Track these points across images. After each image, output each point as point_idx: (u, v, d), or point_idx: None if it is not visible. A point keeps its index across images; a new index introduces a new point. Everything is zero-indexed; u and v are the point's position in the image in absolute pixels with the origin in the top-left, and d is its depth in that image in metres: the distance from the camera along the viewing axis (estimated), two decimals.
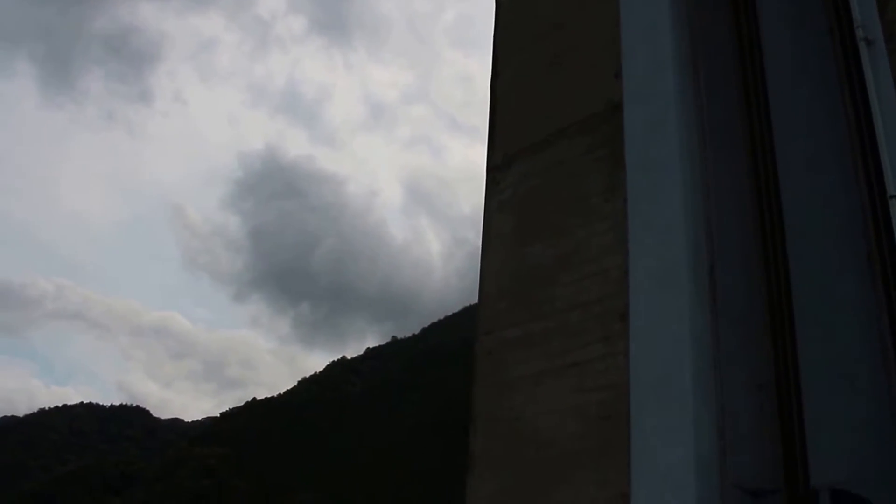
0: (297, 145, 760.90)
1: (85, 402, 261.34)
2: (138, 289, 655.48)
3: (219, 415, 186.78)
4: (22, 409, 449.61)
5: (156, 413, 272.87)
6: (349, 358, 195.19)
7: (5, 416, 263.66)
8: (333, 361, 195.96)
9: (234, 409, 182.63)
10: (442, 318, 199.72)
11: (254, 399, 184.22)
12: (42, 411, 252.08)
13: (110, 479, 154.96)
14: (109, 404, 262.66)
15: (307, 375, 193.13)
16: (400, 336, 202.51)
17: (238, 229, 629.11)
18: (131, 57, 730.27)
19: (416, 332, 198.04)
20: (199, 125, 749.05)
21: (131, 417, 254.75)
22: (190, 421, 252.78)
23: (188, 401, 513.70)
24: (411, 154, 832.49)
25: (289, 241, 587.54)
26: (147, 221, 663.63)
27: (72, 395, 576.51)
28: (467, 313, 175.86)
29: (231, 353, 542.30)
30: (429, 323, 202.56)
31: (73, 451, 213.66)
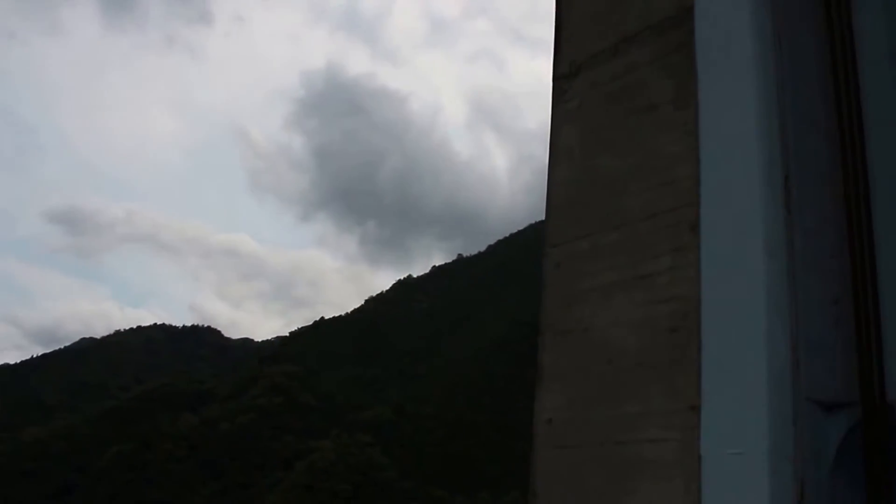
0: (358, 63, 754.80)
1: (158, 323, 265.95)
2: (206, 211, 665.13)
3: (287, 334, 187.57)
4: (100, 331, 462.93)
5: (226, 333, 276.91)
6: (415, 276, 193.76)
7: (84, 339, 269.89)
8: (400, 280, 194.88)
9: (302, 328, 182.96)
10: (508, 234, 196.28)
11: (321, 318, 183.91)
12: (118, 333, 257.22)
13: (185, 396, 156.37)
14: (182, 325, 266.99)
15: (374, 294, 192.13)
16: (466, 254, 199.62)
17: (302, 149, 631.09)
18: None
19: (483, 249, 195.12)
20: (259, 45, 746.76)
21: (203, 337, 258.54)
22: (260, 340, 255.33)
23: (257, 320, 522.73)
24: (474, 69, 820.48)
25: (353, 159, 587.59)
26: (212, 144, 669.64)
27: (146, 317, 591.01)
28: (534, 230, 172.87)
29: (298, 272, 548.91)
30: (495, 240, 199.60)
31: (149, 371, 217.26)
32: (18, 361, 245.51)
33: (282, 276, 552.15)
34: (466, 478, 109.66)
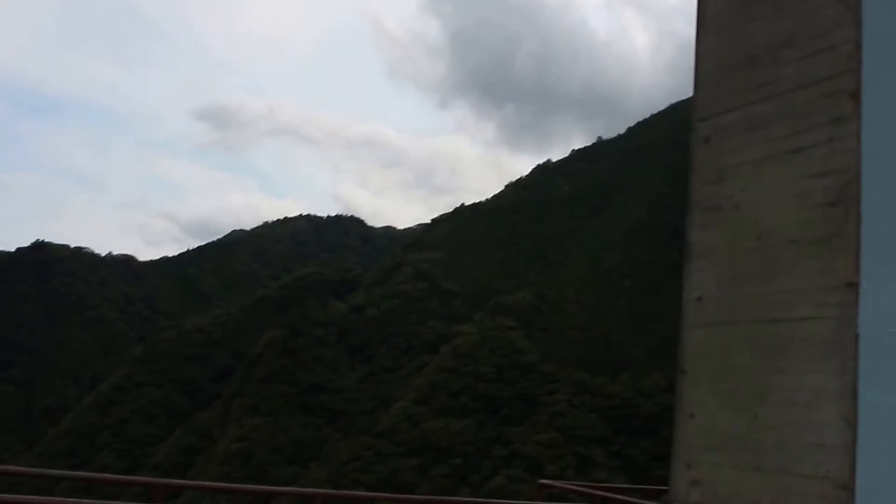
0: None
1: (304, 213, 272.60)
2: (345, 103, 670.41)
3: (429, 221, 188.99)
4: (249, 223, 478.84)
5: (370, 222, 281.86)
6: (554, 161, 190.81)
7: (235, 231, 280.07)
8: (539, 164, 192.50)
9: (443, 215, 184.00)
10: (648, 116, 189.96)
11: (462, 205, 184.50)
12: (266, 224, 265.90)
13: (332, 284, 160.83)
14: (326, 215, 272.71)
15: (513, 179, 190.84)
16: (606, 136, 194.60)
17: (438, 35, 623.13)
18: None
19: (622, 131, 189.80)
20: None
21: (347, 227, 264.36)
22: (402, 228, 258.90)
23: (399, 208, 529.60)
24: None
25: (489, 43, 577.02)
26: (346, 35, 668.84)
27: (292, 208, 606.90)
28: (675, 110, 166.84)
29: (438, 160, 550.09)
30: (635, 122, 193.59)
31: (296, 260, 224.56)
32: (177, 254, 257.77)
33: (422, 163, 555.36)
34: (608, 361, 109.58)
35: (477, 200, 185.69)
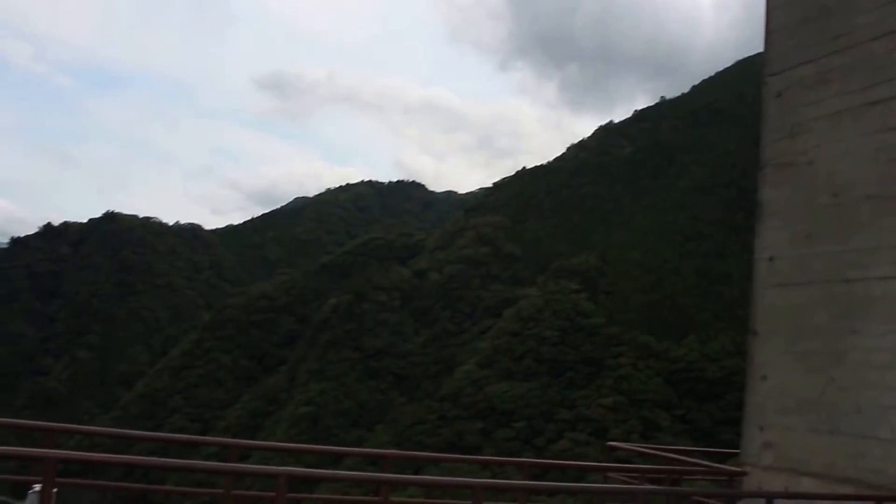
0: None
1: (366, 179, 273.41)
2: (405, 68, 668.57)
3: (491, 185, 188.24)
4: (312, 190, 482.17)
5: (431, 186, 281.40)
6: (617, 122, 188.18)
7: (298, 198, 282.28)
8: (601, 126, 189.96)
9: (505, 178, 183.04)
10: (713, 74, 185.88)
11: (523, 168, 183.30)
12: (329, 191, 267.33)
13: (395, 249, 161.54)
14: (388, 181, 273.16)
15: (575, 141, 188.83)
16: (669, 96, 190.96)
17: None
18: None
19: (686, 90, 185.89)
20: None
21: (409, 192, 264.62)
22: (464, 192, 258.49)
23: (461, 173, 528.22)
24: None
25: (550, 3, 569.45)
26: (406, 0, 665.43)
27: (354, 174, 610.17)
28: (742, 67, 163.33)
29: (499, 123, 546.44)
30: (699, 80, 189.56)
31: (359, 226, 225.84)
32: (242, 222, 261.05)
33: (483, 127, 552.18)
34: (673, 324, 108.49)
35: (539, 163, 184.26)
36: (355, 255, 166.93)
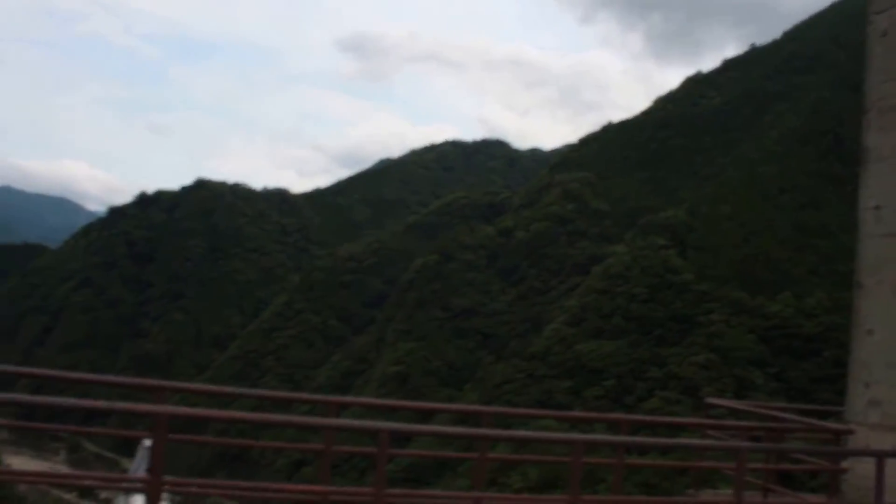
0: None
1: (449, 139, 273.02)
2: (486, 24, 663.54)
3: (576, 140, 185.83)
4: (396, 150, 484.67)
5: (515, 144, 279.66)
6: (705, 71, 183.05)
7: (382, 160, 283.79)
8: (689, 76, 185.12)
9: (590, 133, 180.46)
10: (806, 18, 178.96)
11: (609, 122, 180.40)
12: (413, 151, 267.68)
13: (480, 208, 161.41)
14: (472, 139, 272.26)
15: (662, 93, 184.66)
16: (760, 42, 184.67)
17: None
18: None
19: (778, 36, 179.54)
20: None
21: (492, 150, 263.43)
22: (548, 149, 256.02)
23: (545, 129, 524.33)
24: None
25: None
26: None
27: (437, 134, 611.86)
28: (837, 10, 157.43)
29: (583, 77, 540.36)
30: (791, 25, 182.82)
31: (444, 186, 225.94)
32: (328, 185, 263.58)
33: (566, 81, 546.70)
34: (766, 279, 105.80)
35: (625, 117, 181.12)
36: (441, 214, 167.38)
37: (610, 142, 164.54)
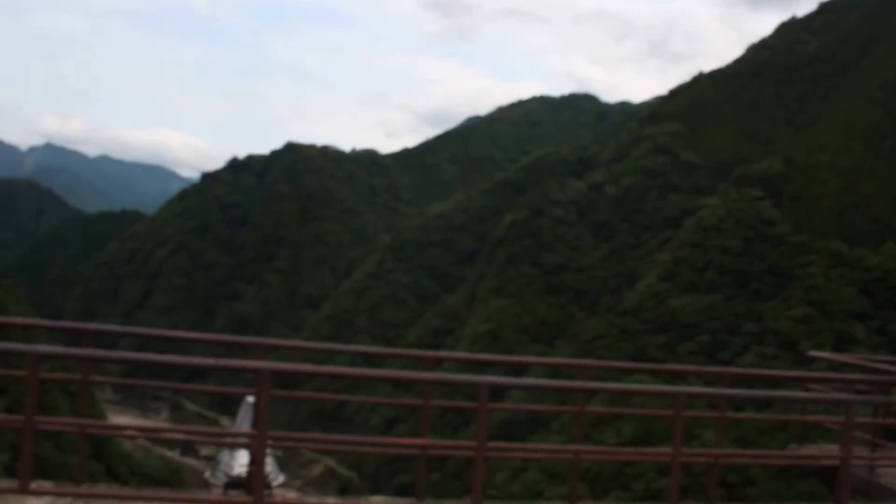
0: None
1: (537, 95, 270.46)
2: None
3: (666, 92, 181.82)
4: (483, 108, 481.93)
5: (603, 98, 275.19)
6: (800, 16, 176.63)
7: (469, 118, 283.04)
8: (783, 22, 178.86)
9: (681, 84, 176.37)
10: None
11: (700, 72, 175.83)
12: (500, 108, 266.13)
13: (570, 164, 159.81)
14: (559, 94, 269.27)
15: (755, 40, 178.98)
16: None
17: None
18: None
19: None
20: None
21: (581, 105, 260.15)
22: (638, 102, 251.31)
23: (634, 82, 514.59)
24: None
25: None
26: None
27: (524, 90, 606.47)
28: None
29: (673, 27, 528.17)
30: None
31: (532, 142, 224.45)
32: (416, 144, 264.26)
33: (655, 32, 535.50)
34: (867, 230, 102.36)
35: (716, 66, 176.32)
36: (530, 170, 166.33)
37: (701, 92, 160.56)
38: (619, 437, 75.29)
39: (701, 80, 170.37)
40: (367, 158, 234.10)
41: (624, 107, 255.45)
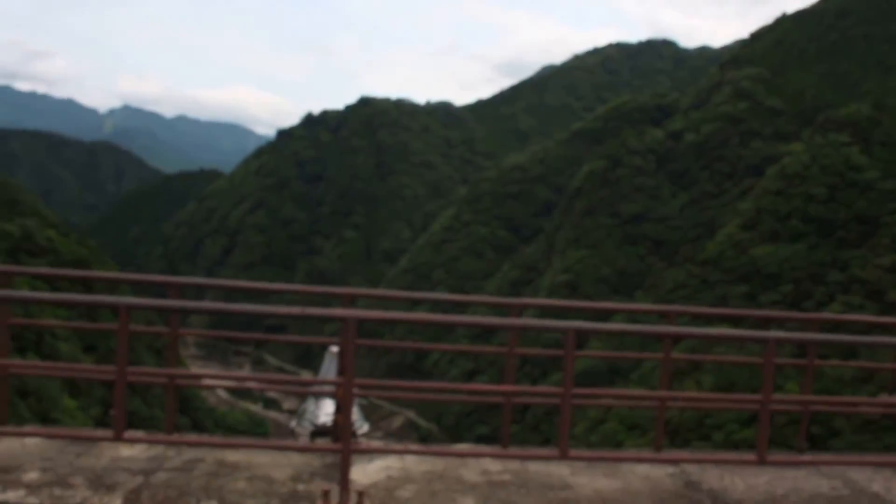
0: None
1: (613, 42, 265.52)
2: None
3: (748, 35, 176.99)
4: (558, 56, 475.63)
5: (682, 43, 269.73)
6: None
7: (545, 67, 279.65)
8: None
9: (763, 27, 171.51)
10: None
11: (783, 14, 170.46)
12: (576, 57, 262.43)
13: (648, 111, 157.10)
14: (637, 41, 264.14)
15: None
16: None
17: None
18: None
19: None
20: None
21: (659, 51, 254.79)
22: (718, 46, 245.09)
23: (714, 25, 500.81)
24: None
25: None
26: None
27: (600, 37, 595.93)
28: None
29: None
30: None
31: (609, 90, 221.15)
32: (491, 95, 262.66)
33: None
34: None
35: (801, 7, 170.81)
36: (607, 119, 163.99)
37: (785, 35, 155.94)
38: (700, 388, 74.62)
39: (784, 22, 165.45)
40: (442, 111, 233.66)
41: (703, 52, 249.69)
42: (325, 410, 8.82)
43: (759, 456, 6.09)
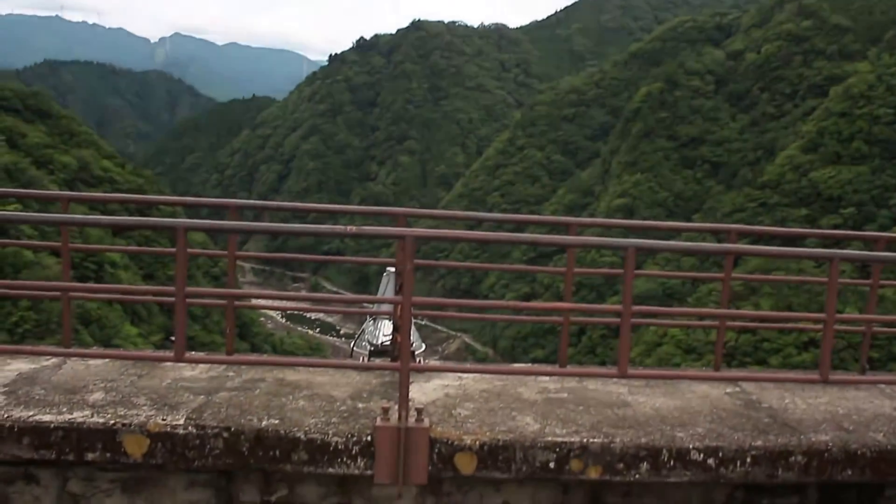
0: None
1: None
2: None
3: None
4: None
5: None
6: None
7: None
8: None
9: None
10: None
11: None
12: None
13: (707, 31, 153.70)
14: None
15: None
16: None
17: None
18: None
19: None
20: None
21: None
22: None
23: None
24: None
25: None
26: None
27: None
28: None
29: None
30: None
31: (667, 9, 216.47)
32: (546, 17, 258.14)
33: None
34: None
35: None
36: (665, 40, 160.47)
37: None
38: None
39: None
40: (496, 33, 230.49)
41: None
42: (384, 331, 8.93)
43: (822, 375, 6.02)
